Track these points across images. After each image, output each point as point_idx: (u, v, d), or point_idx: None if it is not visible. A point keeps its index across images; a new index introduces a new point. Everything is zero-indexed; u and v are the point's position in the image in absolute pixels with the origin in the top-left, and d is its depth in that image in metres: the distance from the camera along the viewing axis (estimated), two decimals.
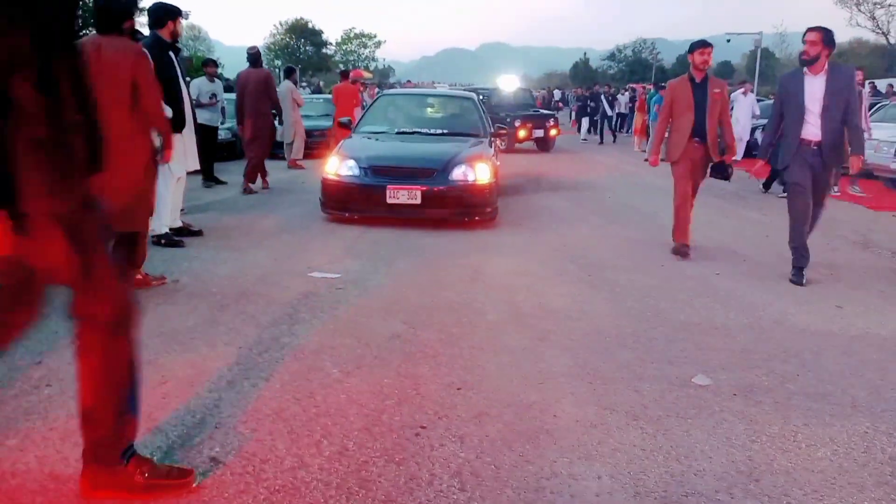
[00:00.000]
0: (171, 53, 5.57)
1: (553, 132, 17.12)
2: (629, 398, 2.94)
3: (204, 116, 9.14)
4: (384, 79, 68.09)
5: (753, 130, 14.60)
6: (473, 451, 2.44)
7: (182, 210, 6.26)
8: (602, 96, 21.73)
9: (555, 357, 3.40)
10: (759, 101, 18.40)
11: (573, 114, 25.55)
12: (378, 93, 12.33)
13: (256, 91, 8.96)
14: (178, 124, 5.50)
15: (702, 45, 5.88)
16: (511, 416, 2.72)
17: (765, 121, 14.44)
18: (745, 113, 13.92)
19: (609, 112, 21.41)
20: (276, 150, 10.70)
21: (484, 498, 2.16)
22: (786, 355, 3.54)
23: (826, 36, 4.93)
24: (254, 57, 9.34)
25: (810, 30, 5.01)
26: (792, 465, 2.42)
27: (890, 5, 35.81)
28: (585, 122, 21.60)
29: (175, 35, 5.62)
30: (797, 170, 5.01)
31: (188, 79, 7.23)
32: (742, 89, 14.45)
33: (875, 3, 35.88)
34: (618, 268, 5.36)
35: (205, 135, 8.84)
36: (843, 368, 3.40)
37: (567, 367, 3.27)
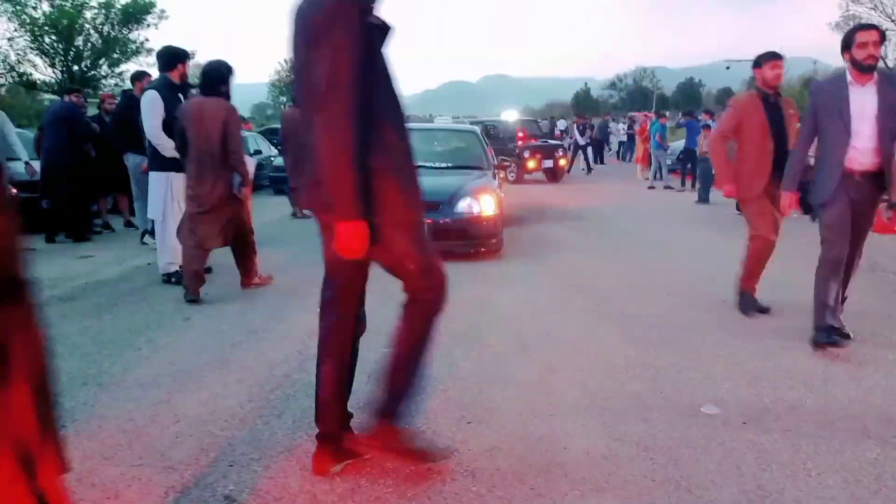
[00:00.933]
0: (180, 94, 5.71)
1: (562, 162, 17.22)
2: (639, 429, 2.95)
3: None
4: None
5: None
6: (485, 485, 2.46)
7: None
8: (574, 126, 21.48)
9: (563, 389, 3.42)
10: None
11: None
12: None
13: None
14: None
15: (772, 57, 4.89)
16: (522, 450, 2.74)
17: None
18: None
19: (581, 142, 20.85)
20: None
21: None
22: (793, 382, 3.55)
23: (882, 37, 3.88)
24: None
25: (868, 28, 3.96)
26: (803, 494, 2.43)
27: (886, 30, 36.12)
28: (590, 151, 21.65)
29: (184, 77, 5.77)
30: (837, 209, 3.92)
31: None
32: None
33: None
34: (624, 297, 5.39)
35: None
36: (851, 394, 3.40)
37: (576, 399, 3.29)
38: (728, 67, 39.89)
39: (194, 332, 4.38)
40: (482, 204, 6.93)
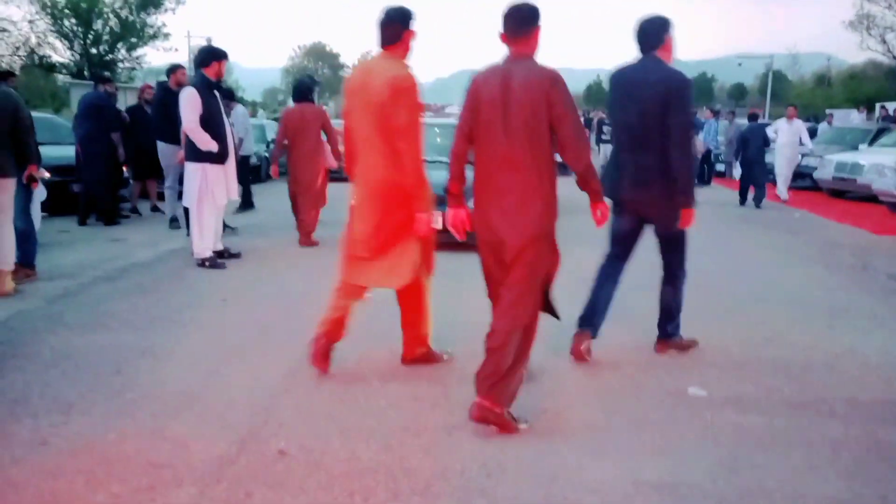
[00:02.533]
0: (216, 91, 6.12)
1: None
2: (632, 405, 3.36)
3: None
4: None
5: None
6: (499, 447, 2.88)
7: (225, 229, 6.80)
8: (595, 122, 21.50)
9: (566, 371, 3.83)
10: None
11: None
12: None
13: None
14: (221, 156, 6.04)
15: None
16: (533, 419, 3.15)
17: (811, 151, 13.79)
18: (789, 143, 12.79)
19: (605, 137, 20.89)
20: None
21: (508, 484, 2.60)
22: (775, 370, 3.95)
23: None
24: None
25: None
26: (769, 462, 2.84)
27: None
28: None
29: (219, 75, 6.17)
30: None
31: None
32: (787, 114, 13.23)
33: (886, 28, 36.21)
34: (626, 288, 5.77)
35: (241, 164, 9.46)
36: (825, 382, 3.80)
37: (577, 379, 3.70)
38: (740, 64, 39.99)
39: (232, 311, 4.81)
40: None
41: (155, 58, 35.31)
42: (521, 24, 3.09)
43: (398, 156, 3.33)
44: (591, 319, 4.07)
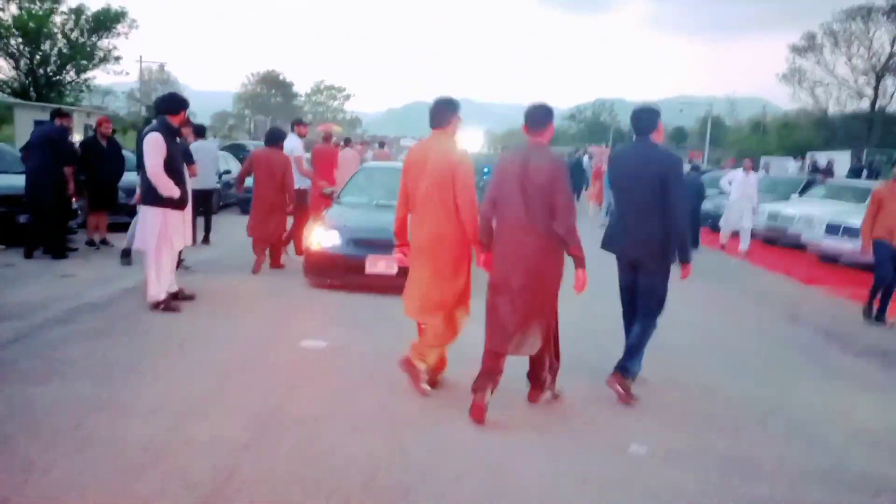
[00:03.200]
0: (177, 137, 6.21)
1: None
2: (578, 463, 3.58)
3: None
4: (352, 130, 69.28)
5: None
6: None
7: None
8: None
9: (520, 426, 4.03)
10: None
11: None
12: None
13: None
14: (182, 202, 6.11)
15: None
16: (485, 476, 3.33)
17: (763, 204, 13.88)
18: (748, 196, 12.79)
19: None
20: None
21: None
22: (709, 426, 4.23)
23: None
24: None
25: None
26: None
27: (828, 84, 38.46)
28: None
29: (182, 122, 6.27)
30: None
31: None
32: (744, 166, 13.31)
33: (815, 82, 38.48)
34: (581, 338, 6.02)
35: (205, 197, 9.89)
36: (755, 439, 4.10)
37: (531, 436, 3.90)
38: (682, 110, 41.78)
39: (190, 359, 4.86)
40: None
41: (104, 79, 34.71)
42: (538, 122, 4.14)
43: (458, 212, 4.24)
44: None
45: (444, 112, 4.39)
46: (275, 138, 8.58)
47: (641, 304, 4.66)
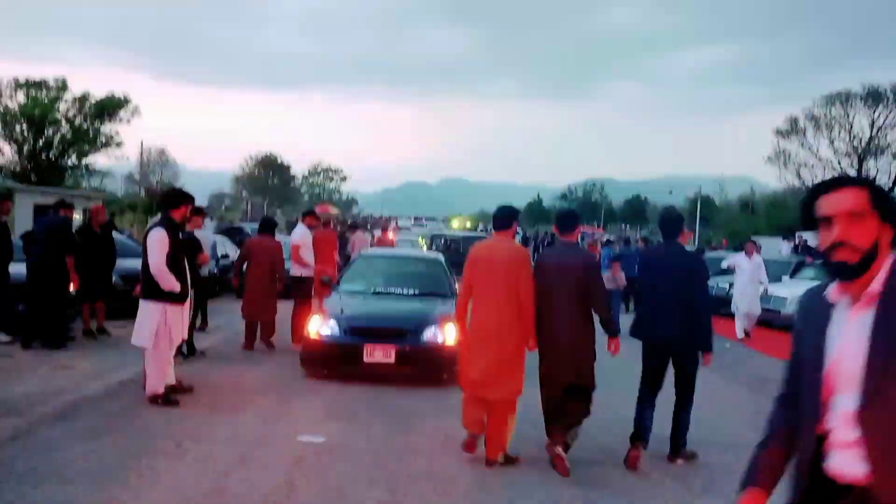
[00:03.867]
0: (179, 232, 6.38)
1: None
2: None
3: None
4: (348, 210, 70.32)
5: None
6: None
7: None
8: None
9: None
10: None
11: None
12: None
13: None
14: (182, 297, 6.22)
15: None
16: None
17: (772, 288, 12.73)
18: (752, 280, 12.14)
19: None
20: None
21: None
22: None
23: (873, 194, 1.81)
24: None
25: (838, 186, 1.85)
26: None
27: (813, 165, 39.56)
28: None
29: (184, 217, 6.46)
30: None
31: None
32: (746, 250, 12.60)
33: (800, 164, 39.58)
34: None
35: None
36: None
37: None
38: (671, 192, 42.78)
39: (188, 458, 4.84)
40: (446, 333, 7.52)
41: (103, 161, 35.31)
42: (568, 225, 5.24)
43: (519, 302, 4.93)
44: (642, 435, 5.23)
45: (506, 219, 5.23)
46: (268, 226, 9.56)
47: (678, 389, 5.32)
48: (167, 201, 6.41)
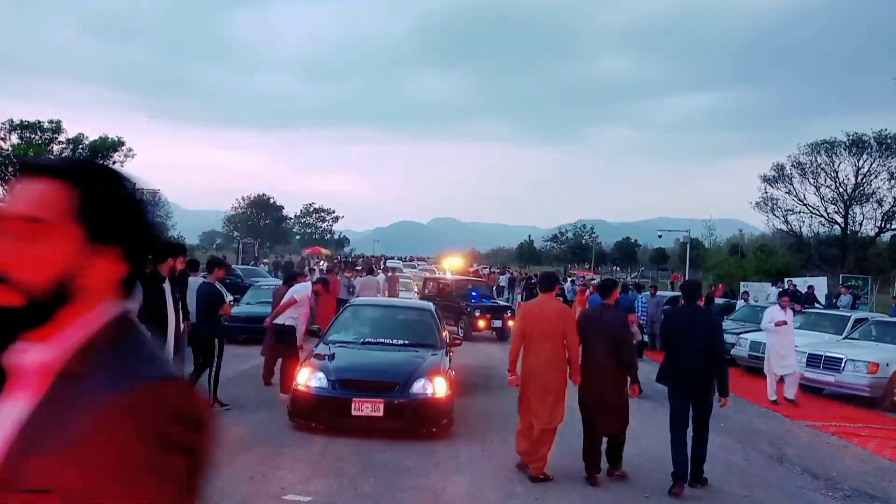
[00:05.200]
0: (166, 284, 6.39)
1: (511, 323, 18.11)
2: None
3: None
4: (339, 249, 70.28)
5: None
6: None
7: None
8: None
9: None
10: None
11: (521, 296, 26.85)
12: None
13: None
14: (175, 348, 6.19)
15: None
16: None
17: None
18: (790, 333, 11.12)
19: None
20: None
21: None
22: None
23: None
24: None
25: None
26: None
27: (800, 212, 39.97)
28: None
29: (172, 270, 6.48)
30: None
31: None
32: (780, 304, 11.43)
33: (787, 210, 40.02)
34: (565, 483, 5.97)
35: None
36: None
37: None
38: (661, 236, 43.13)
39: None
40: (436, 386, 7.46)
41: None
42: (608, 290, 6.95)
43: (568, 352, 6.34)
44: (681, 472, 6.08)
45: (550, 282, 6.95)
46: (291, 277, 10.46)
47: (696, 426, 6.20)
48: (155, 255, 6.43)
